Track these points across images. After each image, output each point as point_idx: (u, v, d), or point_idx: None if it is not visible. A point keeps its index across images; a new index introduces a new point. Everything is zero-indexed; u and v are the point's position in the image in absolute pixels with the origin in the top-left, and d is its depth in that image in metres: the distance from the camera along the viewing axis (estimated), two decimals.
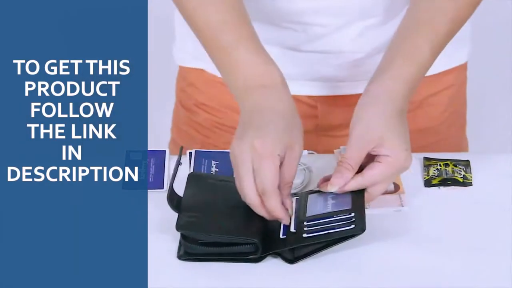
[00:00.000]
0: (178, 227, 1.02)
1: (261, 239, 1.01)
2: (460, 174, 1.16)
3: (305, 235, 1.02)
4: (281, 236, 1.03)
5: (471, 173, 1.17)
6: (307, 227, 1.03)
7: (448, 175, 1.16)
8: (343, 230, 1.01)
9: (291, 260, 1.01)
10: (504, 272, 1.01)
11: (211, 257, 1.02)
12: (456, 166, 1.17)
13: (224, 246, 1.01)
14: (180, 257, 1.03)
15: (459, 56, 1.34)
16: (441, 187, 1.15)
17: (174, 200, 1.05)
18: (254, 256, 1.01)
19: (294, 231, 1.03)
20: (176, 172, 1.04)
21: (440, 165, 1.17)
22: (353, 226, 1.01)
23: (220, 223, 1.03)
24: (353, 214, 1.02)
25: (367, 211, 1.10)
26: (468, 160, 1.19)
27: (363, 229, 1.00)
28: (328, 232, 1.01)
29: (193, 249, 1.02)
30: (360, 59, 1.25)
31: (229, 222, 1.03)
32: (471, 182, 1.15)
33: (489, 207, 1.11)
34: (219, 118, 1.32)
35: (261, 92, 1.05)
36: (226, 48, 1.07)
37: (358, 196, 1.05)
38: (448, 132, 1.36)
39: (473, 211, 1.11)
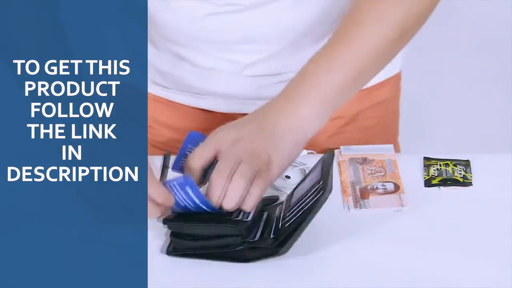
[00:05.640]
0: (164, 220, 1.03)
1: (248, 232, 1.01)
2: (460, 174, 1.16)
3: (286, 225, 1.01)
4: (271, 236, 1.02)
5: (471, 173, 1.17)
6: (287, 217, 1.02)
7: (448, 175, 1.16)
8: (314, 202, 0.99)
9: (276, 252, 1.00)
10: (504, 272, 1.01)
11: (198, 251, 1.01)
12: (456, 166, 1.17)
13: (211, 239, 1.01)
14: (169, 252, 1.03)
15: (390, 68, 1.31)
16: (441, 187, 1.15)
17: None
18: (240, 247, 1.01)
19: (280, 227, 1.03)
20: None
21: (440, 165, 1.17)
22: (321, 193, 0.99)
23: (206, 218, 1.02)
24: (321, 182, 1.01)
25: (367, 211, 1.10)
26: (468, 160, 1.19)
27: (329, 190, 0.99)
28: (303, 211, 1.00)
29: (181, 244, 1.02)
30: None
31: (216, 219, 1.02)
32: (471, 182, 1.15)
33: (489, 207, 1.11)
34: (151, 135, 1.32)
35: None
36: None
37: (326, 163, 1.04)
38: (379, 142, 1.35)
39: (473, 211, 1.11)
